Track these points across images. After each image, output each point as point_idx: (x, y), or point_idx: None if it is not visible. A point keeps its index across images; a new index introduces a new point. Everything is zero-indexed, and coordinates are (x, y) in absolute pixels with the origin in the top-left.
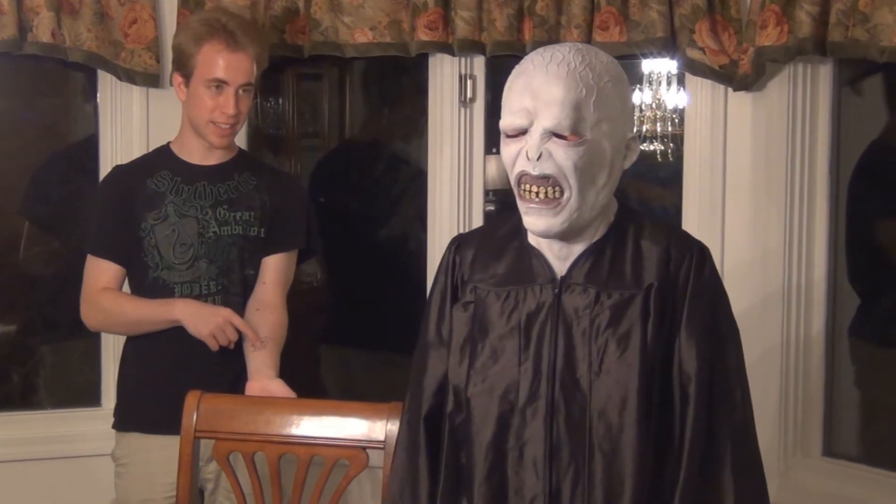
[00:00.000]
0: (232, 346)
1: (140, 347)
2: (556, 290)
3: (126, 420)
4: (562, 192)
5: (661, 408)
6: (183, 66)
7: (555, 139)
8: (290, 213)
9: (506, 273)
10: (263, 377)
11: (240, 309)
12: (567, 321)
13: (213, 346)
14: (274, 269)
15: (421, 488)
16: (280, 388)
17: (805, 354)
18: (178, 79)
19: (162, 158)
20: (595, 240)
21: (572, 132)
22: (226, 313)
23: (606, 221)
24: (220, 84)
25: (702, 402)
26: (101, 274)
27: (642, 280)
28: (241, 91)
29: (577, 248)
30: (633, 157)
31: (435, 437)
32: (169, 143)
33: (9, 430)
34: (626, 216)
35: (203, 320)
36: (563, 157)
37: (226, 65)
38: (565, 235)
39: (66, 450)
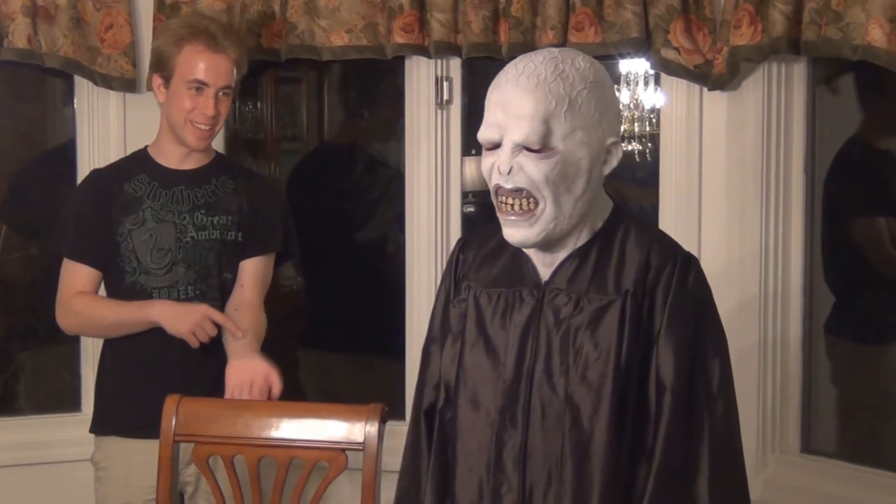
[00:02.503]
0: (209, 342)
1: (117, 351)
2: (540, 296)
3: (105, 424)
4: (536, 204)
5: (637, 417)
6: (163, 67)
7: (525, 152)
8: (268, 217)
9: (498, 275)
10: (244, 357)
11: (221, 307)
12: (548, 326)
13: (194, 343)
14: (251, 273)
15: (423, 479)
16: (262, 364)
17: (782, 353)
18: (157, 80)
19: (139, 162)
20: (578, 245)
21: (542, 145)
22: (202, 309)
23: (592, 227)
24: (200, 85)
25: (676, 414)
26: (76, 277)
27: (622, 286)
28: (220, 94)
29: (561, 255)
30: (615, 162)
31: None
32: (146, 147)
33: None
34: (617, 220)
35: (181, 318)
36: (534, 170)
37: (206, 66)
38: (544, 245)
39: (46, 455)
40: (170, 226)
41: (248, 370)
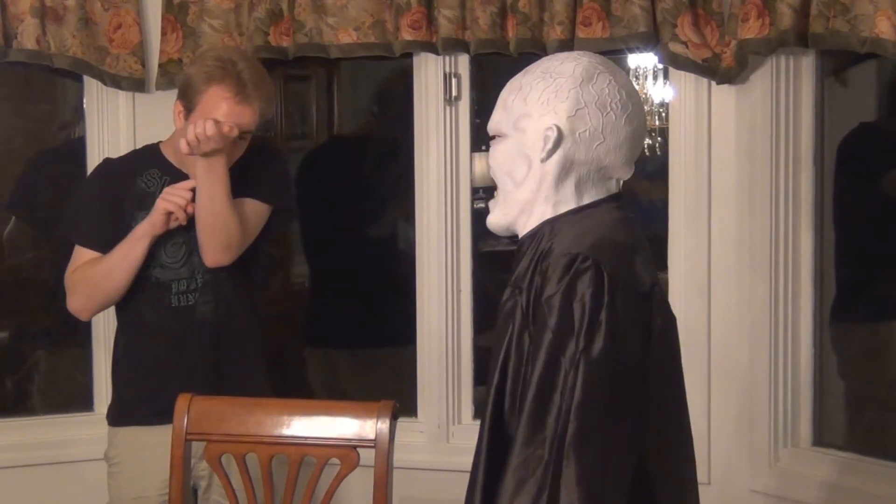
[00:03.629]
0: (190, 211)
1: (129, 339)
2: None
3: (120, 414)
4: (496, 191)
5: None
6: (188, 99)
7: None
8: (259, 171)
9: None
10: None
11: (235, 296)
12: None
13: (174, 209)
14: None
15: None
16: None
17: (793, 346)
18: (178, 107)
19: (151, 157)
20: (522, 236)
21: (496, 132)
22: (168, 187)
23: (540, 217)
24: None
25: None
26: (83, 260)
27: (519, 281)
28: (238, 137)
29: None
30: (549, 146)
31: None
32: (159, 143)
33: (1, 436)
34: (568, 214)
35: (153, 210)
36: (490, 156)
37: (229, 112)
38: (501, 231)
39: (58, 455)
40: None
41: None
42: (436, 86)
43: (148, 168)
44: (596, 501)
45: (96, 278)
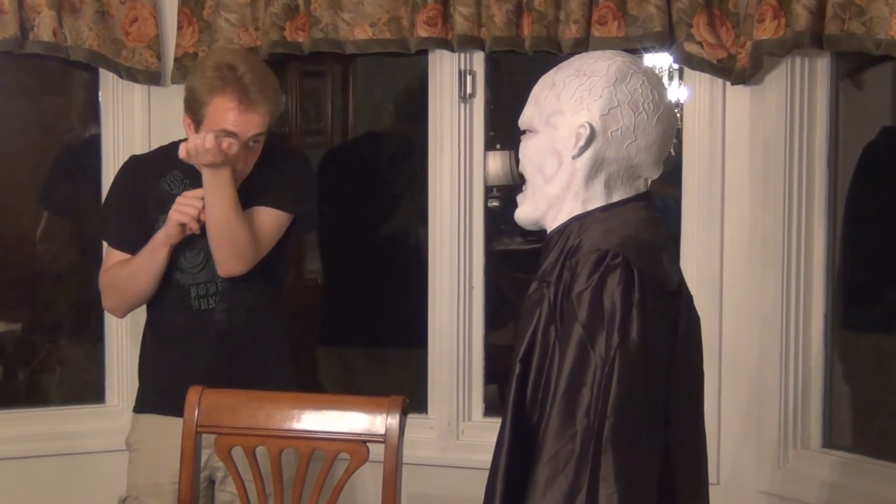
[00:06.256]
0: (202, 220)
1: (154, 338)
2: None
3: (143, 402)
4: (525, 184)
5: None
6: (194, 112)
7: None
8: (282, 177)
9: None
10: None
11: (256, 303)
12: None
13: (186, 220)
14: (253, 217)
15: None
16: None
17: (804, 348)
18: (186, 120)
19: (176, 157)
20: (550, 231)
21: (527, 127)
22: (182, 194)
23: (570, 213)
24: (229, 136)
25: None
26: (115, 262)
27: (547, 275)
28: (251, 142)
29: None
30: (581, 143)
31: None
32: (185, 139)
33: (14, 427)
34: (597, 212)
35: (168, 220)
36: (521, 150)
37: (236, 121)
38: (529, 225)
39: (71, 446)
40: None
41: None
42: (450, 83)
43: (172, 169)
44: (633, 495)
45: (123, 282)
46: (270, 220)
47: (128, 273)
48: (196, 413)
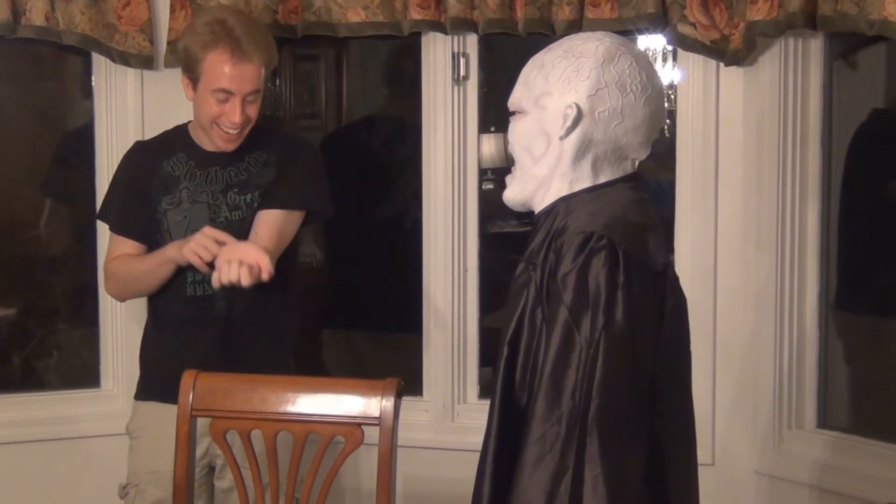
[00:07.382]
0: (212, 259)
1: (154, 324)
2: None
3: (143, 389)
4: (514, 165)
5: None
6: (190, 70)
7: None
8: (294, 174)
9: None
10: (237, 242)
11: (259, 293)
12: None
13: (196, 262)
14: (268, 223)
15: None
16: (252, 246)
17: (799, 328)
18: (185, 80)
19: (180, 139)
20: (538, 212)
21: (516, 108)
22: (204, 230)
23: (556, 194)
24: (226, 94)
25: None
26: (119, 248)
27: (537, 258)
28: (248, 99)
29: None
30: (568, 124)
31: None
32: (188, 123)
33: (9, 412)
34: (584, 192)
35: (184, 244)
36: (510, 131)
37: (231, 75)
38: (516, 206)
39: (66, 431)
40: (203, 207)
41: (238, 251)
42: (444, 66)
43: (176, 152)
44: (619, 475)
45: (128, 278)
46: (284, 219)
47: (133, 274)
48: (190, 397)
